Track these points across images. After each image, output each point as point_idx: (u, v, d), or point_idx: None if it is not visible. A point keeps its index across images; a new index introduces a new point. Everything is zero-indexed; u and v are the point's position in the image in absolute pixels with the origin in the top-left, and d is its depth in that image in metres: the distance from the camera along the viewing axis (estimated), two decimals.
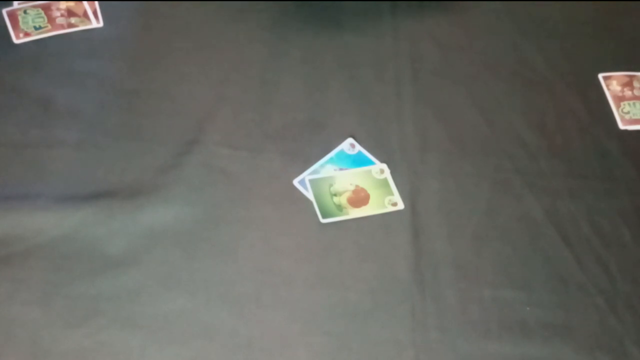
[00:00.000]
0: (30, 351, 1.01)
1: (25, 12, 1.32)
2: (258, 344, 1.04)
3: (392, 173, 1.20)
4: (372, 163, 1.22)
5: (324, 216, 1.15)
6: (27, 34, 1.30)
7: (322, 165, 1.20)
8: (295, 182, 1.18)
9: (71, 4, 1.34)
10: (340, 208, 1.16)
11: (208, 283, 1.08)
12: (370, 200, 1.18)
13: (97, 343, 1.02)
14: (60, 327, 1.03)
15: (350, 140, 1.23)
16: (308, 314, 1.06)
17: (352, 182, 1.19)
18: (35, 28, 1.31)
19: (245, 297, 1.07)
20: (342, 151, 1.22)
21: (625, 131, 1.30)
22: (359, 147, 1.23)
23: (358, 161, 1.22)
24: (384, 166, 1.21)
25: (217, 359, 1.02)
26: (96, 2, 1.35)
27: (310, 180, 1.17)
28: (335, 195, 1.17)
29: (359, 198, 1.18)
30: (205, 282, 1.08)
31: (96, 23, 1.33)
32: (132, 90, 1.27)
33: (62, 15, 1.33)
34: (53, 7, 1.33)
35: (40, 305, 1.04)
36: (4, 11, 1.32)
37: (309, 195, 1.17)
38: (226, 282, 1.08)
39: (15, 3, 1.33)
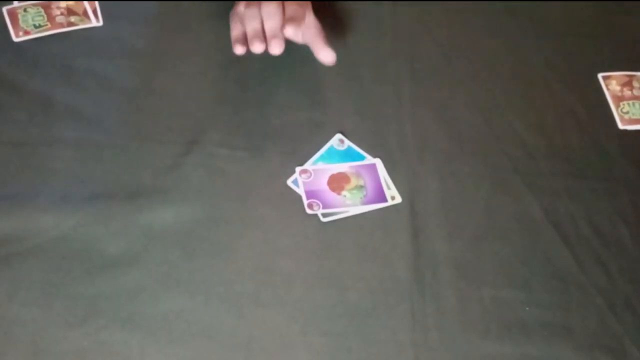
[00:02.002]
0: (30, 351, 1.01)
1: (25, 10, 1.32)
2: (258, 343, 1.04)
3: (391, 172, 1.20)
4: (362, 157, 1.22)
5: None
6: (26, 32, 1.30)
7: (313, 163, 1.20)
8: (289, 182, 1.18)
9: (71, 2, 1.34)
10: None
11: (207, 283, 1.08)
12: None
13: (96, 343, 1.02)
14: (60, 327, 1.03)
15: (339, 135, 1.23)
16: (308, 314, 1.06)
17: None
18: (35, 26, 1.31)
19: (244, 297, 1.07)
20: (332, 147, 1.22)
21: (625, 131, 1.30)
22: (348, 142, 1.23)
23: (348, 156, 1.22)
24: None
25: (217, 359, 1.02)
26: (96, 2, 1.35)
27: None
28: None
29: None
30: (204, 281, 1.08)
31: (96, 22, 1.33)
32: (131, 90, 1.27)
33: (61, 14, 1.33)
34: (53, 6, 1.33)
35: (39, 306, 1.04)
36: (4, 9, 1.32)
37: (301, 192, 1.17)
38: (225, 281, 1.08)
39: (15, 1, 1.33)
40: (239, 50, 1.19)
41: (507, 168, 1.23)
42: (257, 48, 1.17)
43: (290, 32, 1.19)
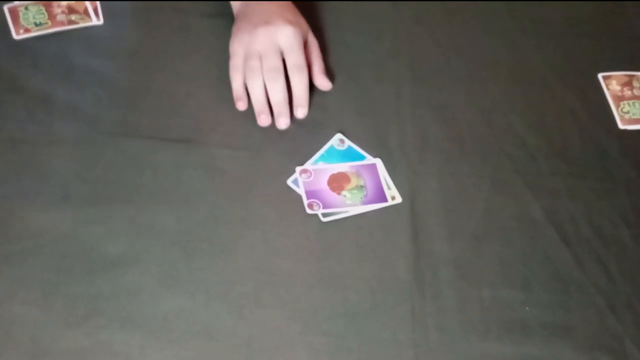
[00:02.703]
0: (30, 350, 1.01)
1: (26, 8, 1.32)
2: (258, 343, 1.03)
3: (391, 172, 1.20)
4: (362, 157, 1.22)
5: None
6: (27, 30, 1.30)
7: (313, 163, 1.20)
8: (289, 181, 1.18)
9: (72, 1, 1.34)
10: None
11: (207, 283, 1.08)
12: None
13: (96, 342, 1.02)
14: (60, 326, 1.03)
15: (339, 135, 1.23)
16: (308, 314, 1.06)
17: None
18: (36, 24, 1.31)
19: (244, 297, 1.07)
20: (332, 147, 1.22)
21: (625, 131, 1.30)
22: (348, 142, 1.23)
23: (348, 156, 1.22)
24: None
25: (217, 359, 1.02)
26: (97, 1, 1.35)
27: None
28: None
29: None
30: (204, 281, 1.08)
31: (96, 20, 1.33)
32: (131, 88, 1.27)
33: (62, 12, 1.33)
34: (54, 4, 1.33)
35: (39, 305, 1.04)
36: (5, 7, 1.32)
37: (301, 191, 1.17)
38: (225, 281, 1.08)
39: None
40: (241, 107, 1.25)
41: (507, 168, 1.23)
42: (264, 122, 1.24)
43: (301, 115, 1.26)
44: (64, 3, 1.33)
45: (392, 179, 1.19)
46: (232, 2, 1.33)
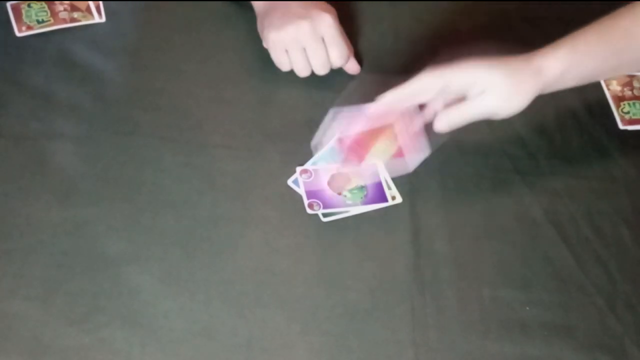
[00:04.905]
0: (31, 347, 1.01)
1: (29, 5, 1.33)
2: (258, 343, 1.04)
3: None
4: None
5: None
6: (29, 27, 1.31)
7: (313, 163, 1.20)
8: (289, 181, 1.19)
9: None
10: None
11: (207, 282, 1.08)
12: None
13: (97, 340, 1.02)
14: (61, 323, 1.03)
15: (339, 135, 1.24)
16: (308, 314, 1.07)
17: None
18: (38, 22, 1.31)
19: (244, 297, 1.07)
20: (332, 147, 1.22)
21: (625, 131, 1.30)
22: None
23: None
24: None
25: (217, 358, 1.02)
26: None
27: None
28: None
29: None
30: (204, 281, 1.08)
31: (98, 18, 1.33)
32: (132, 86, 1.28)
33: (65, 10, 1.33)
34: (57, 2, 1.34)
35: (40, 301, 1.04)
36: (8, 4, 1.32)
37: (301, 191, 1.17)
38: (226, 281, 1.08)
39: None
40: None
41: (507, 168, 1.23)
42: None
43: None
44: (67, 1, 1.34)
45: (393, 179, 1.19)
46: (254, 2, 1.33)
